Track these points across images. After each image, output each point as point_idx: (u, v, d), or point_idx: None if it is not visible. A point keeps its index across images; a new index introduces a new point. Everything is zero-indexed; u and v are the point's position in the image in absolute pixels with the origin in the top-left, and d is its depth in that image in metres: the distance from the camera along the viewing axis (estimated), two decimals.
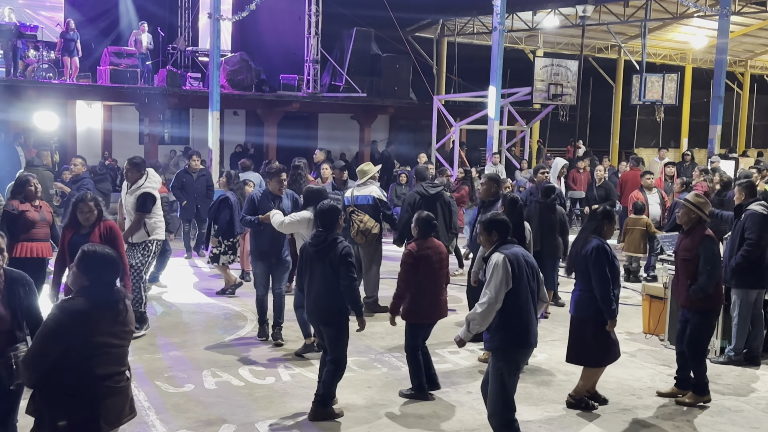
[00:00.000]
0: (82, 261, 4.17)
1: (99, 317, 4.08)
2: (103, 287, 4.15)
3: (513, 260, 5.28)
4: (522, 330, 5.31)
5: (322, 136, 23.62)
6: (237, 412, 6.25)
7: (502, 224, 5.53)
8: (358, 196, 9.18)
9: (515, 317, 5.28)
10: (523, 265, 5.33)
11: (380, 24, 21.04)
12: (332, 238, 6.10)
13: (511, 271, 5.24)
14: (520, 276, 5.27)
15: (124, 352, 4.26)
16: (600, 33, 26.11)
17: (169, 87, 17.92)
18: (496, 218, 5.57)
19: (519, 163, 19.00)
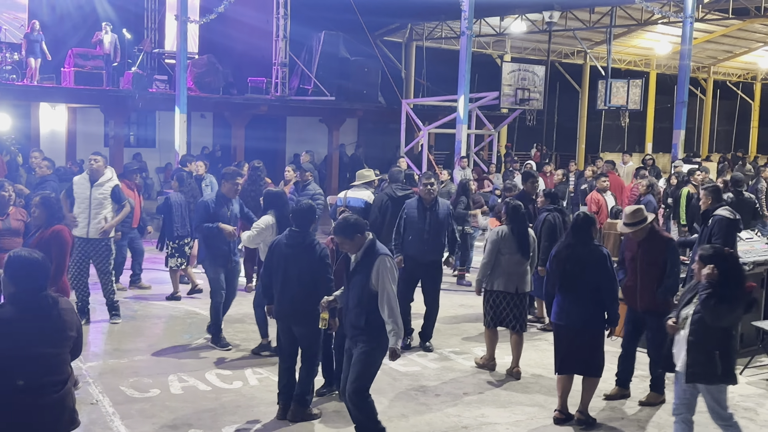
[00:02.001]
0: (8, 267, 4.00)
1: (26, 325, 3.89)
2: (30, 294, 3.96)
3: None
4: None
5: (291, 139, 23.52)
6: (204, 417, 6.19)
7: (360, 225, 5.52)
8: (351, 198, 9.30)
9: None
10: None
11: (349, 28, 21.03)
12: (310, 239, 6.09)
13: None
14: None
15: (61, 360, 4.04)
16: (566, 39, 26.38)
17: (135, 89, 17.73)
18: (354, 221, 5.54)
19: (487, 167, 19.10)
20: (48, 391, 3.94)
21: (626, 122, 25.31)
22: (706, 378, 5.21)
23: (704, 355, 5.16)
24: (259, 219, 7.67)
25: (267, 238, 7.36)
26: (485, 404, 6.67)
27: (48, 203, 6.55)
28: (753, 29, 26.43)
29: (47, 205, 6.54)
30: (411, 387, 7.01)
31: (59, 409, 4.01)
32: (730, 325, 5.22)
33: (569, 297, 6.18)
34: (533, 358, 7.94)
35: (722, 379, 5.21)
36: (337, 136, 21.85)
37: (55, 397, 3.97)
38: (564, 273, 6.18)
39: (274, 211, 7.49)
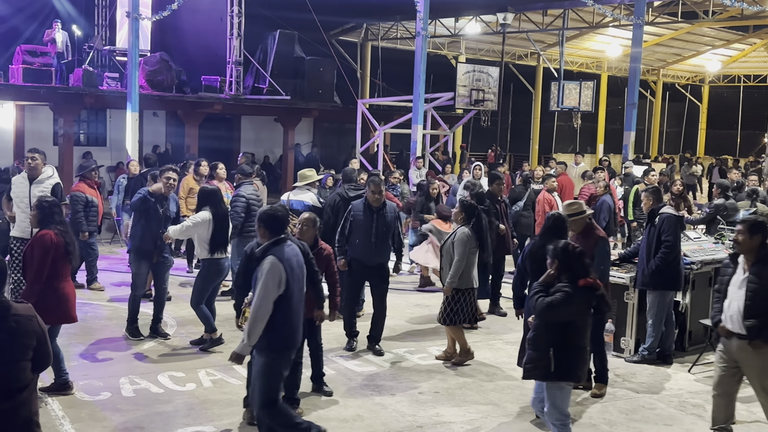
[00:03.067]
0: None
1: None
2: None
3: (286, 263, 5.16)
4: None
5: (245, 138, 23.35)
6: (156, 420, 6.10)
7: (272, 219, 5.30)
8: (293, 200, 9.23)
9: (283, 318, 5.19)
10: (294, 264, 5.24)
11: (304, 27, 20.95)
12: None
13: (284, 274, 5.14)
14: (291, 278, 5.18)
15: (20, 368, 3.96)
16: (520, 41, 26.67)
17: (86, 87, 17.40)
18: (267, 212, 5.34)
19: (443, 168, 19.20)
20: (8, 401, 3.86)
21: (578, 123, 25.70)
22: (540, 375, 5.26)
23: (539, 351, 5.22)
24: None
25: (202, 233, 7.81)
26: (440, 403, 6.70)
27: (40, 207, 6.37)
28: (701, 33, 27.06)
29: (39, 208, 6.37)
30: (366, 387, 7.01)
31: (17, 420, 3.93)
32: (564, 320, 5.19)
33: None
34: (488, 357, 8.01)
35: (558, 376, 5.19)
36: (292, 135, 21.74)
37: (10, 407, 3.89)
38: (538, 272, 6.22)
39: (210, 207, 7.87)
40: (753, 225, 5.67)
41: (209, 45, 20.95)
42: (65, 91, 17.39)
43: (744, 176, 14.73)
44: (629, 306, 8.06)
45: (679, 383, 7.45)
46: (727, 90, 35.80)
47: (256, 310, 5.05)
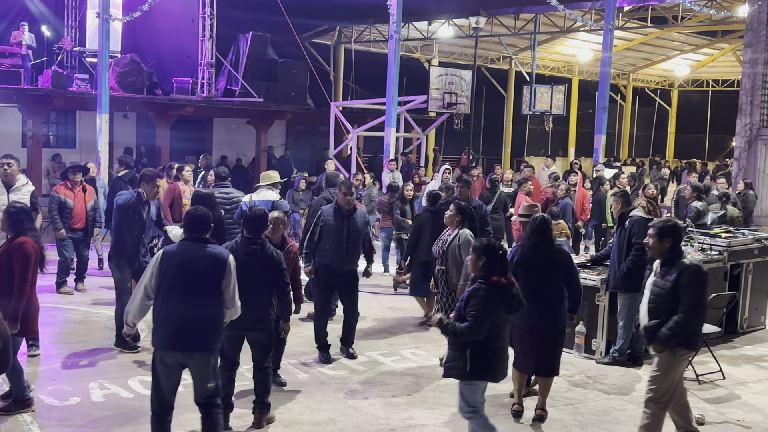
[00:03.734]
0: None
1: None
2: None
3: (166, 256, 5.23)
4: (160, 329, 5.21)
5: (218, 140, 23.20)
6: (126, 425, 6.03)
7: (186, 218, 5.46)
8: (256, 201, 9.08)
9: (157, 314, 5.24)
10: (176, 260, 5.20)
11: (277, 29, 20.88)
12: (264, 244, 6.05)
13: (160, 267, 5.22)
14: (166, 272, 5.19)
15: None
16: (492, 44, 26.82)
17: (55, 88, 17.18)
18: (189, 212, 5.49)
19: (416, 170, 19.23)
20: None
21: (550, 127, 25.91)
22: (457, 374, 5.36)
23: (457, 351, 5.33)
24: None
25: None
26: (413, 406, 6.71)
27: (12, 214, 6.23)
28: (670, 38, 27.43)
29: (11, 215, 6.23)
30: (339, 390, 7.00)
31: None
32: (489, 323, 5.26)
33: (540, 298, 6.23)
34: None
35: (473, 376, 5.30)
36: (265, 138, 21.66)
37: None
38: (532, 275, 6.26)
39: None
40: (662, 229, 5.68)
41: (181, 46, 20.81)
42: (34, 93, 17.16)
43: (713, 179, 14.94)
44: (600, 308, 8.13)
45: None
46: (696, 94, 36.30)
47: (134, 292, 5.35)
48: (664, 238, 5.61)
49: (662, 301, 5.56)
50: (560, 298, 6.44)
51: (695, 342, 5.67)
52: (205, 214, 5.41)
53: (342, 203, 7.85)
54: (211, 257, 5.23)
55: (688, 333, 5.51)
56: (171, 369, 5.23)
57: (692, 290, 5.44)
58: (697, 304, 5.48)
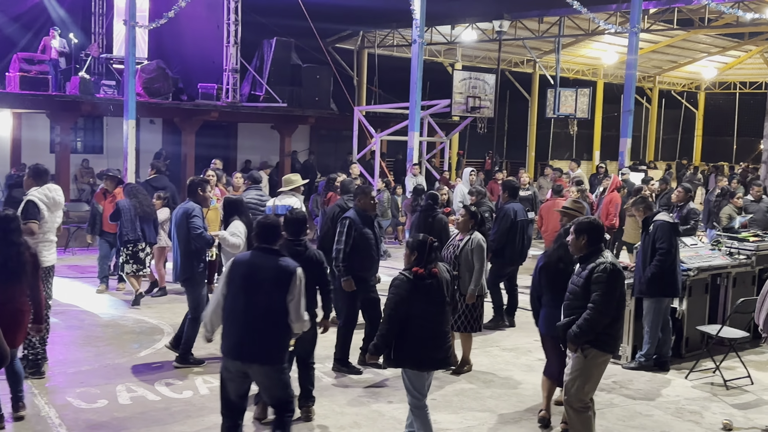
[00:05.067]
0: None
1: None
2: None
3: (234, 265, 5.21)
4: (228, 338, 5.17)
5: (242, 145, 23.34)
6: (153, 428, 6.09)
7: (258, 227, 5.36)
8: (278, 206, 9.13)
9: (226, 323, 5.20)
10: (247, 270, 5.14)
11: (301, 34, 20.97)
12: (306, 245, 6.16)
13: (228, 275, 5.19)
14: (236, 281, 5.13)
15: None
16: (516, 48, 26.72)
17: (82, 95, 17.39)
18: (257, 222, 5.43)
19: (440, 175, 19.22)
20: None
21: (575, 130, 25.75)
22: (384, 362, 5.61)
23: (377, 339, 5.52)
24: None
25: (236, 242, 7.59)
26: (437, 410, 6.70)
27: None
28: (697, 40, 27.14)
29: None
30: (363, 394, 7.01)
31: None
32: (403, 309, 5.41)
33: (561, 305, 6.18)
34: (484, 364, 8.01)
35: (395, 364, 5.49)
36: (289, 142, 21.75)
37: None
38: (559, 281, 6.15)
39: (240, 216, 7.72)
40: (578, 226, 5.68)
41: (206, 52, 20.98)
42: (62, 99, 17.38)
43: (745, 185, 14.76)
44: (626, 313, 8.07)
45: (676, 390, 7.46)
46: (723, 97, 35.87)
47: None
48: (580, 235, 5.59)
49: (575, 298, 5.56)
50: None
51: (608, 343, 5.51)
52: (274, 222, 5.38)
53: (369, 208, 7.79)
54: (277, 269, 5.13)
55: (599, 333, 5.42)
56: (234, 376, 5.18)
57: (601, 287, 5.38)
58: (606, 302, 5.38)
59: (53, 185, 7.43)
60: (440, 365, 5.64)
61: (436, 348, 5.46)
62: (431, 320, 5.40)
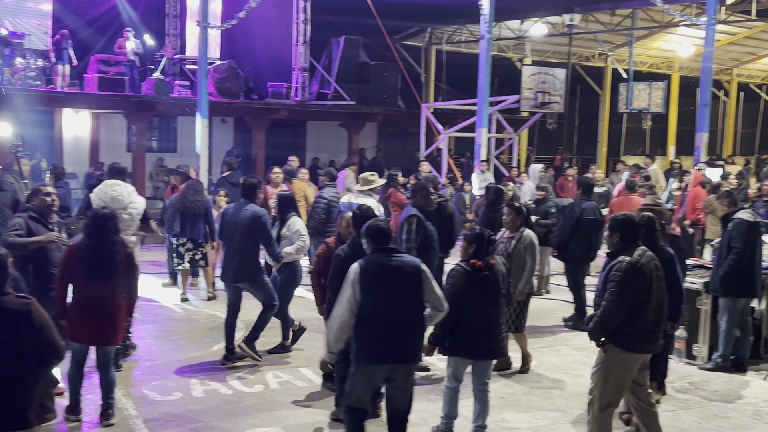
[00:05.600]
0: None
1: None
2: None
3: (366, 270, 5.02)
4: (374, 344, 5.04)
5: (311, 143, 23.59)
6: (225, 421, 6.22)
7: (374, 231, 5.28)
8: (354, 203, 9.08)
9: (367, 330, 5.03)
10: (383, 274, 5.03)
11: (369, 32, 21.06)
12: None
13: (361, 282, 5.01)
14: (373, 287, 5.00)
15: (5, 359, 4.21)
16: (587, 41, 26.24)
17: (157, 95, 17.86)
18: (369, 225, 5.35)
19: (508, 171, 19.05)
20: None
21: (648, 125, 25.15)
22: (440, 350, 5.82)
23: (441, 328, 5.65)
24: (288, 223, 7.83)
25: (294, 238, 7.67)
26: (506, 408, 6.65)
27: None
28: None
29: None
30: (430, 391, 7.00)
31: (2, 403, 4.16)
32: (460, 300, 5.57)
33: None
34: (554, 363, 7.91)
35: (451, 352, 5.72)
36: (356, 140, 21.88)
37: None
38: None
39: (296, 212, 7.86)
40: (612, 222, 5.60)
41: (276, 52, 21.27)
42: (138, 99, 17.87)
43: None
44: (702, 312, 7.85)
45: (755, 392, 7.22)
46: None
47: (331, 317, 5.08)
48: (614, 231, 5.51)
49: (598, 294, 5.50)
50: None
51: (627, 341, 5.38)
52: (386, 224, 5.39)
53: (429, 204, 7.78)
54: (406, 266, 5.11)
55: (615, 330, 5.33)
56: (376, 381, 5.21)
57: (613, 285, 5.29)
58: (617, 300, 5.27)
59: (114, 181, 7.55)
60: (493, 355, 5.83)
61: (490, 338, 5.66)
62: (486, 311, 5.49)
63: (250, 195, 7.67)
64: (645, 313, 5.37)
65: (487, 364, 5.88)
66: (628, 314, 5.31)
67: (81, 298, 5.91)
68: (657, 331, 5.47)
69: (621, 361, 5.42)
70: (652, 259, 5.46)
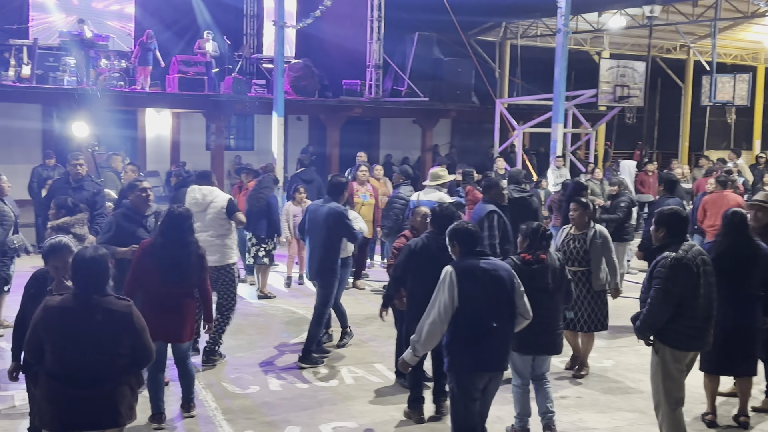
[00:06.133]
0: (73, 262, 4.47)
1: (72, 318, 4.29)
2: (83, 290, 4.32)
3: (462, 274, 4.86)
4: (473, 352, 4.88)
5: (384, 140, 23.68)
6: (301, 414, 6.31)
7: (464, 234, 5.09)
8: (423, 200, 9.04)
9: (466, 337, 4.87)
10: (481, 278, 4.88)
11: (442, 28, 20.98)
12: None
13: (458, 286, 4.83)
14: (471, 291, 4.84)
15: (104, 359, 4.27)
16: (668, 33, 25.50)
17: (235, 94, 18.21)
18: (457, 228, 5.15)
19: (585, 167, 18.68)
20: (82, 383, 4.20)
21: (732, 118, 24.29)
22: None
23: None
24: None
25: None
26: (583, 409, 6.53)
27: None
28: None
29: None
30: (505, 389, 6.92)
31: (91, 403, 4.23)
32: None
33: (737, 297, 5.96)
34: (634, 363, 7.73)
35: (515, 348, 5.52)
36: (430, 136, 21.85)
37: (89, 392, 4.21)
38: (728, 273, 5.87)
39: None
40: (658, 217, 5.48)
41: (350, 50, 21.42)
42: (216, 99, 18.27)
43: None
44: None
45: None
46: None
47: (422, 320, 4.93)
48: (660, 226, 5.41)
49: (644, 290, 5.41)
50: (759, 297, 6.05)
51: (676, 339, 5.26)
52: (475, 226, 5.29)
53: (501, 199, 7.80)
54: (502, 270, 5.00)
55: (663, 328, 5.23)
56: (474, 393, 5.01)
57: (658, 281, 5.18)
58: (662, 297, 5.16)
59: (193, 186, 7.74)
60: (545, 351, 5.72)
61: (541, 333, 5.55)
62: (536, 306, 5.32)
63: (336, 193, 7.68)
64: (694, 310, 5.24)
65: (543, 358, 5.81)
66: (676, 311, 5.21)
67: (153, 297, 5.92)
68: (707, 328, 5.34)
69: (674, 360, 5.33)
70: (700, 254, 5.32)
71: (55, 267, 4.89)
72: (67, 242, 4.98)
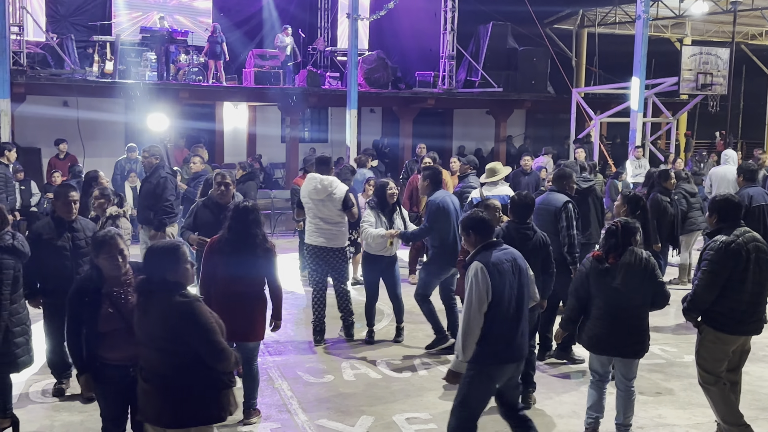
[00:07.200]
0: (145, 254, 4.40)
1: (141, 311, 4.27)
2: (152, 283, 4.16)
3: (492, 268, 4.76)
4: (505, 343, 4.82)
5: (457, 132, 23.55)
6: (375, 404, 6.35)
7: (480, 223, 4.98)
8: (489, 196, 8.89)
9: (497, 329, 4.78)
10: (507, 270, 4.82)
11: (517, 18, 20.72)
12: (534, 229, 6.31)
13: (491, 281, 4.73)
14: (501, 284, 4.76)
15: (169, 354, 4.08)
16: (754, 18, 24.55)
17: (310, 87, 18.40)
18: (473, 217, 5.03)
19: (665, 158, 18.18)
20: (148, 377, 4.12)
21: None
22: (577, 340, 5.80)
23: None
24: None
25: None
26: (663, 405, 6.38)
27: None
28: None
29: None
30: (581, 383, 6.82)
31: (157, 398, 4.10)
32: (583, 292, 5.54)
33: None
34: None
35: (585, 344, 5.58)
36: (504, 127, 21.62)
37: (154, 385, 4.09)
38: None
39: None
40: (711, 204, 5.58)
41: (423, 41, 21.37)
42: (291, 92, 18.51)
43: None
44: None
45: None
46: None
47: (462, 322, 4.82)
48: (712, 213, 5.53)
49: (696, 275, 5.48)
50: None
51: (720, 322, 5.34)
52: (488, 215, 5.29)
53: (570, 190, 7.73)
54: (519, 258, 4.99)
55: (707, 310, 5.35)
56: (498, 384, 4.95)
57: (706, 263, 5.31)
58: (708, 279, 5.28)
59: (312, 175, 7.85)
60: (620, 353, 5.45)
61: (610, 332, 5.39)
62: (611, 304, 5.33)
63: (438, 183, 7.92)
64: (740, 293, 5.30)
65: (628, 361, 5.49)
66: (721, 294, 5.30)
67: (220, 294, 5.66)
68: (754, 313, 5.36)
69: (717, 342, 5.40)
70: (753, 240, 5.35)
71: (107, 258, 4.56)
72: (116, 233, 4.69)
